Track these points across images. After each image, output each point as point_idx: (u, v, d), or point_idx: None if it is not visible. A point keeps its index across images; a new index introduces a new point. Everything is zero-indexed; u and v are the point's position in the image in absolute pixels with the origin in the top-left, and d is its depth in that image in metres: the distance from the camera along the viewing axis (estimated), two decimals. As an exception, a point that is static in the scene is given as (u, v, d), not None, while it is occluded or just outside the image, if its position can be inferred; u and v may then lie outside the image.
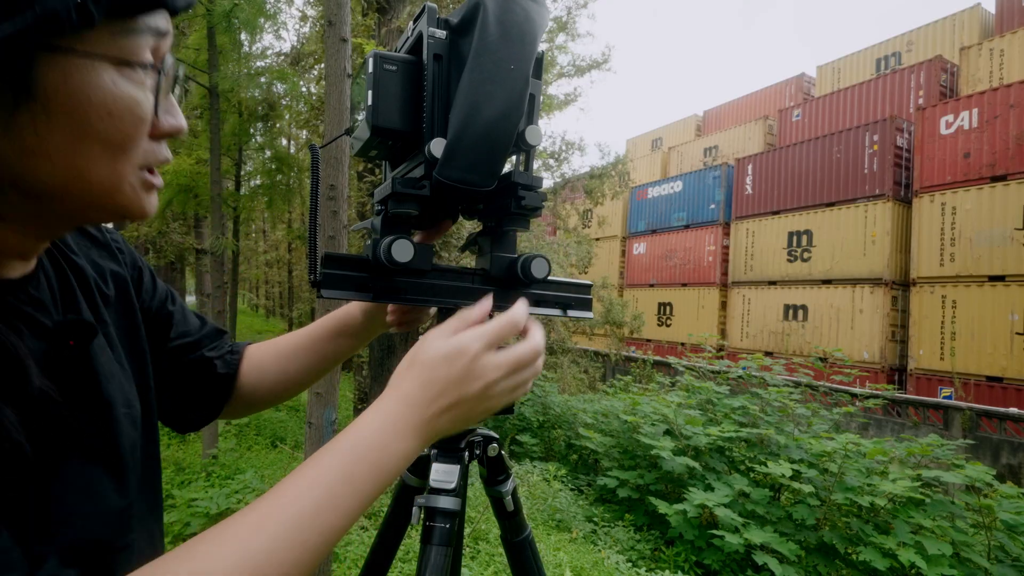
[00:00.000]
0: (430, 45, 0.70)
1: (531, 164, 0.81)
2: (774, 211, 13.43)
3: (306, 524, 0.43)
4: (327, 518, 0.45)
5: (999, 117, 9.59)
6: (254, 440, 5.36)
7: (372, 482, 0.48)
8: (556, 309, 0.93)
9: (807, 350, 11.69)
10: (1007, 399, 8.99)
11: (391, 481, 0.50)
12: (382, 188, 0.79)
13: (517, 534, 0.98)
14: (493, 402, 0.56)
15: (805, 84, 19.35)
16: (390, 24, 4.77)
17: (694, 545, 3.97)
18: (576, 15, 9.37)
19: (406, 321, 0.85)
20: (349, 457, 0.48)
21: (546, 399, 6.73)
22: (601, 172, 11.45)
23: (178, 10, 0.43)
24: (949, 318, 9.97)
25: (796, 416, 4.94)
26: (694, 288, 15.54)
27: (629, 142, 25.79)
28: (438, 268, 0.83)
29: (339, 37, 2.40)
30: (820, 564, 3.68)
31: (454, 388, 0.53)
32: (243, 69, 4.80)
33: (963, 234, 9.93)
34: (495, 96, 0.67)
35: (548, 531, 4.00)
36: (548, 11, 0.77)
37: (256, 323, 21.16)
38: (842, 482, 3.87)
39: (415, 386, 0.53)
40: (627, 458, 5.15)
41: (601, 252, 18.00)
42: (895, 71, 13.21)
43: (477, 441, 0.93)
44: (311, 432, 2.41)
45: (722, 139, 18.57)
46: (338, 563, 3.05)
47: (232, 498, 3.35)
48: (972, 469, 3.58)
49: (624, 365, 12.62)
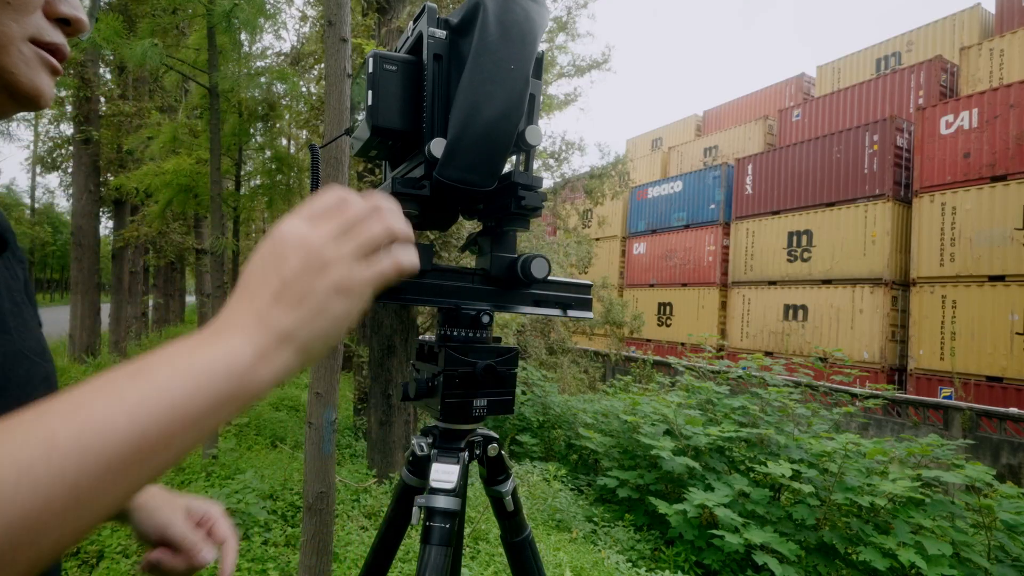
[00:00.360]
0: (430, 45, 0.70)
1: (531, 164, 0.81)
2: (774, 211, 13.42)
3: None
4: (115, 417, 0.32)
5: (999, 117, 9.59)
6: (254, 440, 5.35)
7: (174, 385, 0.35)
8: (556, 309, 0.94)
9: (807, 350, 11.69)
10: (1007, 399, 8.99)
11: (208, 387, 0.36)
12: (382, 188, 0.79)
13: (517, 534, 0.98)
14: (335, 273, 0.42)
15: (805, 84, 19.34)
16: (390, 24, 4.77)
17: (694, 545, 3.97)
18: (576, 15, 9.36)
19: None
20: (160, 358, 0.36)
21: (546, 399, 6.73)
22: (601, 172, 11.44)
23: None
24: (949, 318, 9.97)
25: (796, 416, 4.94)
26: (694, 288, 15.53)
27: (629, 142, 25.78)
28: (438, 268, 0.83)
29: (339, 37, 2.40)
30: (820, 564, 3.68)
31: (273, 272, 0.41)
32: (243, 69, 4.80)
33: (963, 234, 9.93)
34: (495, 96, 0.67)
35: (548, 531, 4.00)
36: (548, 11, 0.77)
37: (256, 323, 21.10)
38: (842, 482, 3.87)
39: (236, 293, 0.42)
40: (627, 458, 5.15)
41: (601, 252, 18.00)
42: (895, 71, 13.21)
43: (477, 441, 0.93)
44: (311, 432, 2.41)
45: (722, 139, 18.56)
46: (338, 563, 3.05)
47: (232, 498, 3.35)
48: (972, 469, 3.58)
49: (624, 365, 12.62)
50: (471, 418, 0.85)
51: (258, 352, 0.39)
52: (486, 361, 0.84)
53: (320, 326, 0.42)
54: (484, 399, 0.85)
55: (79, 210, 8.84)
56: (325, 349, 0.43)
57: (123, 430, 0.32)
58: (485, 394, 0.85)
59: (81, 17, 0.47)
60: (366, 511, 3.88)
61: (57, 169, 14.42)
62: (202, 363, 0.36)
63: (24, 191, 35.10)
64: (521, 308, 0.91)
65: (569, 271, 9.92)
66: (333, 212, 0.45)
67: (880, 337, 10.90)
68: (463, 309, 0.84)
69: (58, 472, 0.29)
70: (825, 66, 17.53)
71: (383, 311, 4.67)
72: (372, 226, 0.45)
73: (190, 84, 5.42)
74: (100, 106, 9.09)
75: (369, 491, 4.16)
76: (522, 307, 0.91)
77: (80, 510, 0.30)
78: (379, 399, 4.63)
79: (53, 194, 32.71)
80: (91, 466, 0.30)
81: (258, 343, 0.39)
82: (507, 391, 0.88)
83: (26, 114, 17.18)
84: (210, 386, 0.36)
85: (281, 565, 3.00)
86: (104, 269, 14.26)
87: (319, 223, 0.44)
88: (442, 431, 0.89)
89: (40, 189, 34.07)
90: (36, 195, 31.08)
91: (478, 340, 0.86)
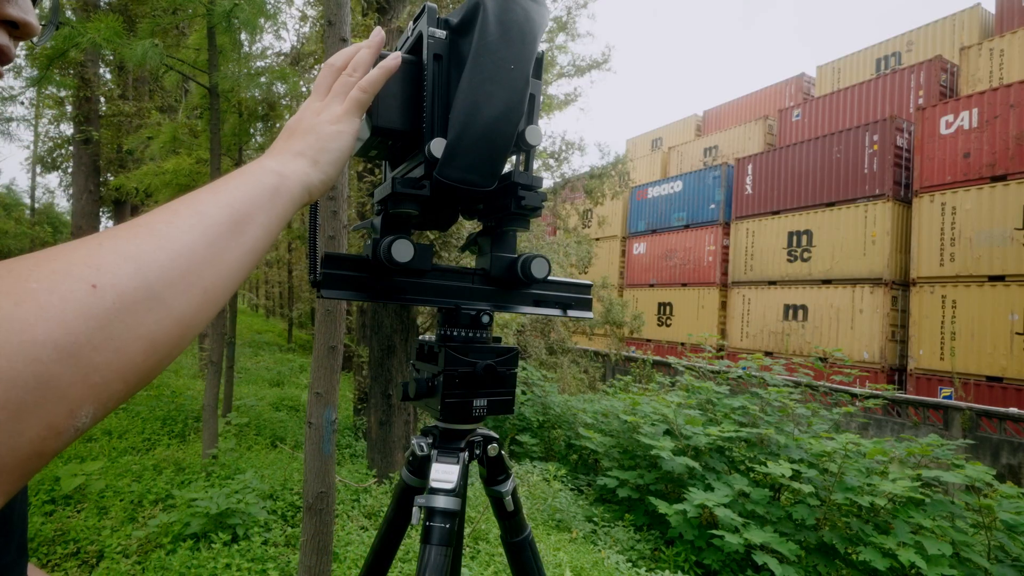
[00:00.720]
0: (430, 45, 0.70)
1: (531, 164, 0.81)
2: (774, 211, 13.43)
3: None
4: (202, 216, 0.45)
5: (999, 117, 9.59)
6: (254, 440, 5.35)
7: (236, 183, 0.50)
8: (556, 309, 0.94)
9: (807, 350, 11.69)
10: (1007, 399, 8.99)
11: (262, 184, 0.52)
12: (382, 188, 0.79)
13: (517, 534, 0.98)
14: (325, 113, 0.62)
15: (805, 84, 19.35)
16: (390, 24, 4.77)
17: (694, 545, 3.97)
18: (576, 15, 9.36)
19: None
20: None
21: (546, 399, 6.73)
22: (601, 172, 11.44)
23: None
24: (949, 318, 9.97)
25: (796, 416, 4.94)
26: (694, 288, 15.54)
27: (629, 142, 25.79)
28: (438, 268, 0.83)
29: (339, 37, 2.40)
30: (820, 564, 3.68)
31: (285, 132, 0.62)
32: (243, 69, 4.80)
33: (963, 234, 9.93)
34: (495, 96, 0.67)
35: (548, 531, 4.00)
36: (548, 11, 0.77)
37: (256, 323, 21.16)
38: (842, 482, 3.87)
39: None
40: (627, 458, 5.15)
41: (601, 252, 18.01)
42: (895, 71, 13.21)
43: (477, 441, 0.93)
44: (311, 432, 2.41)
45: (722, 139, 18.57)
46: (338, 563, 3.05)
47: (232, 498, 3.35)
48: (972, 469, 3.58)
49: (624, 365, 12.62)
50: (471, 418, 0.85)
51: (282, 162, 0.56)
52: (486, 361, 0.84)
53: (321, 144, 0.60)
54: (484, 399, 0.85)
55: (79, 210, 8.84)
56: (334, 159, 0.61)
57: (220, 206, 0.46)
58: (485, 394, 0.85)
59: (29, 21, 0.47)
60: (366, 511, 3.88)
61: (57, 169, 14.43)
62: (249, 172, 0.52)
63: (24, 191, 35.07)
64: (521, 308, 0.91)
65: (569, 271, 9.92)
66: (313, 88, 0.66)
67: (880, 337, 10.91)
68: (463, 309, 0.85)
69: (188, 227, 0.42)
70: (825, 66, 17.53)
71: (383, 311, 4.67)
72: (339, 79, 0.65)
73: (190, 84, 5.42)
74: (100, 106, 9.09)
75: (369, 491, 4.16)
76: (522, 307, 0.91)
77: (215, 258, 0.43)
78: (379, 399, 4.63)
79: (53, 194, 32.67)
80: (210, 224, 0.43)
81: (279, 159, 0.57)
82: (507, 391, 0.88)
83: (26, 114, 16.95)
84: (259, 180, 0.52)
85: (281, 565, 3.00)
86: (104, 269, 14.28)
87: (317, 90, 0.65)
88: (442, 431, 0.89)
89: (40, 189, 34.02)
90: (36, 195, 31.00)
91: (478, 340, 0.86)
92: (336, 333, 2.45)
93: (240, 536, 3.20)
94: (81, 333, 0.32)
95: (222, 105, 4.81)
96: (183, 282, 0.39)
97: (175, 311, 0.38)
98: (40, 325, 0.30)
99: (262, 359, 11.23)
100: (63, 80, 6.55)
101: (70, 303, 0.32)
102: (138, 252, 0.37)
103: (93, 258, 0.35)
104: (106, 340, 0.33)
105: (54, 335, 0.30)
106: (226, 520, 3.24)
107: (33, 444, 0.30)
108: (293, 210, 0.55)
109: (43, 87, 5.62)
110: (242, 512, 3.30)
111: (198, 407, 5.91)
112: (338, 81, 0.64)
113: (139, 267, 0.36)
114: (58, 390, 0.30)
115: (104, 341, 0.33)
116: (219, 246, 0.43)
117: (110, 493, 3.74)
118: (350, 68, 0.65)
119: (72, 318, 0.32)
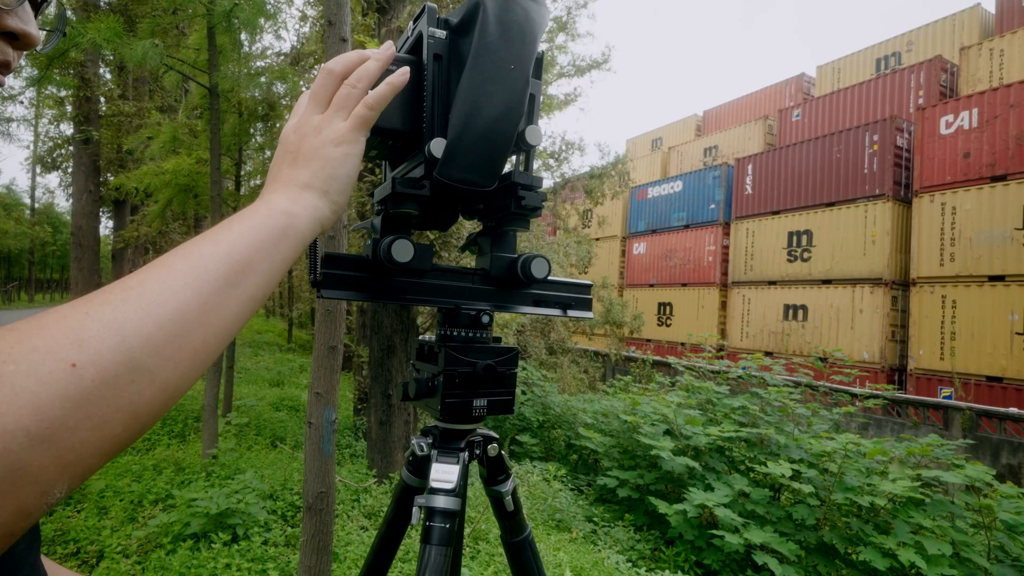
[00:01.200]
0: (430, 45, 0.70)
1: (531, 164, 0.81)
2: (774, 211, 13.43)
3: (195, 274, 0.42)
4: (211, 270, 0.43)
5: (999, 117, 9.59)
6: (254, 440, 5.35)
7: (240, 228, 0.48)
8: (556, 309, 0.94)
9: (807, 350, 11.69)
10: (1007, 399, 8.99)
11: (267, 228, 0.49)
12: (382, 188, 0.79)
13: (517, 534, 0.98)
14: (327, 131, 0.58)
15: (805, 84, 19.35)
16: (390, 24, 4.77)
17: (694, 545, 3.97)
18: (576, 15, 9.36)
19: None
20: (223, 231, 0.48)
21: (546, 399, 6.73)
22: (601, 172, 11.44)
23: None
24: (949, 318, 9.97)
25: (796, 416, 4.94)
26: (694, 288, 15.54)
27: (629, 142, 25.80)
28: (438, 268, 0.83)
29: (339, 37, 2.40)
30: (820, 564, 3.68)
31: (283, 155, 0.58)
32: (243, 69, 4.80)
33: (963, 234, 9.93)
34: (495, 96, 0.67)
35: (548, 531, 4.00)
36: (548, 11, 0.77)
37: (256, 323, 21.15)
38: (842, 482, 3.87)
39: (266, 182, 0.57)
40: (627, 458, 5.15)
41: (601, 252, 18.01)
42: (895, 71, 13.21)
43: (477, 441, 0.93)
44: (311, 432, 2.41)
45: (722, 139, 18.57)
46: (338, 563, 3.05)
47: (232, 498, 3.34)
48: (972, 469, 3.58)
49: (624, 365, 12.62)
50: (471, 418, 0.85)
51: (290, 199, 0.53)
52: (486, 361, 0.84)
53: (327, 170, 0.56)
54: (484, 399, 0.85)
55: (79, 210, 8.84)
56: (343, 187, 0.57)
57: (218, 258, 0.43)
58: (485, 394, 0.85)
59: (29, 32, 0.46)
60: (366, 511, 3.88)
61: (57, 169, 14.45)
62: (255, 213, 0.50)
63: (24, 191, 35.15)
64: (521, 308, 0.91)
65: (569, 271, 9.92)
66: (310, 97, 0.60)
67: (880, 337, 10.91)
68: (463, 309, 0.84)
69: (181, 285, 0.40)
70: (825, 66, 17.53)
71: (383, 311, 4.67)
72: (341, 89, 0.59)
73: (190, 84, 5.42)
74: (100, 106, 9.09)
75: (369, 491, 4.16)
76: (522, 307, 0.91)
77: (207, 316, 0.41)
78: (379, 399, 4.63)
79: (53, 194, 32.78)
80: (206, 280, 0.41)
81: (287, 194, 0.53)
82: (507, 391, 0.88)
83: (26, 114, 16.98)
84: (264, 223, 0.49)
85: (281, 565, 3.00)
86: (104, 269, 14.27)
87: (303, 112, 0.60)
88: (442, 431, 0.89)
89: (40, 189, 34.15)
90: (36, 195, 31.14)
91: (478, 340, 0.86)
92: (336, 333, 2.45)
93: (240, 536, 3.20)
94: (56, 417, 0.31)
95: (222, 105, 4.81)
96: (170, 347, 0.37)
97: (160, 379, 0.37)
98: (11, 412, 0.29)
99: (262, 359, 11.23)
100: (63, 80, 6.55)
101: (47, 386, 0.31)
102: (124, 320, 0.36)
103: (77, 332, 0.34)
104: (83, 419, 0.32)
105: (26, 422, 0.29)
106: (226, 520, 3.24)
107: (3, 527, 0.29)
108: (302, 248, 0.52)
109: (43, 87, 5.62)
110: (242, 512, 3.30)
111: (198, 407, 5.91)
112: (340, 93, 0.59)
113: (123, 338, 0.35)
114: (30, 475, 0.30)
115: (81, 420, 0.32)
116: (214, 303, 0.41)
117: (110, 493, 3.74)
118: (354, 78, 0.60)
119: (47, 403, 0.30)
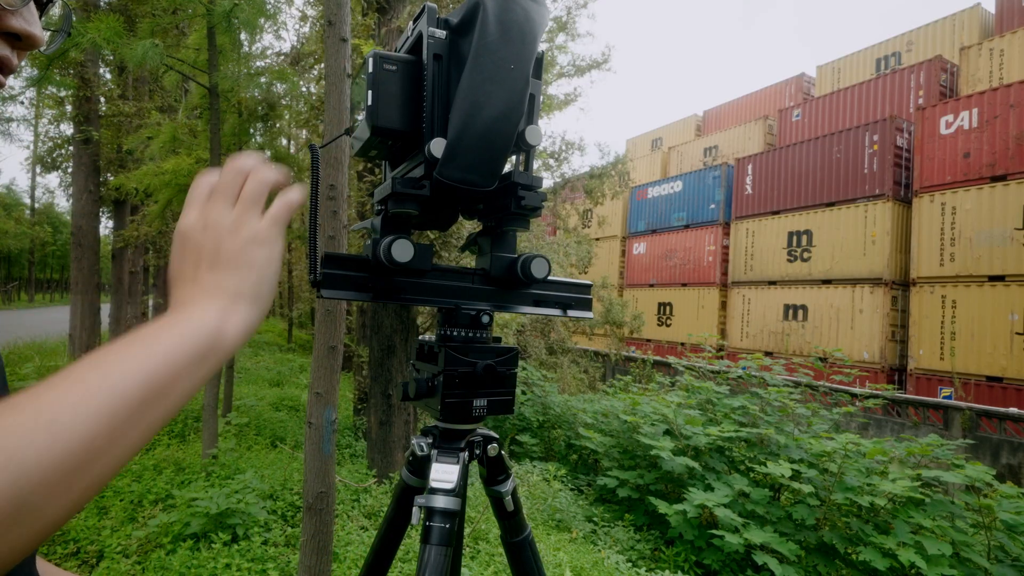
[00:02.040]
0: (430, 45, 0.70)
1: (531, 164, 0.81)
2: (774, 211, 13.43)
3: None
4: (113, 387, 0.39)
5: (999, 117, 9.59)
6: (254, 440, 5.35)
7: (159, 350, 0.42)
8: (556, 309, 0.94)
9: (807, 350, 11.69)
10: (1007, 399, 8.99)
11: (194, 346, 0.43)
12: (382, 188, 0.79)
13: (517, 534, 0.98)
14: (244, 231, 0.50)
15: (805, 84, 19.35)
16: (390, 24, 4.77)
17: (694, 545, 3.97)
18: (576, 15, 9.37)
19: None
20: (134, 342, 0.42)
21: (546, 399, 6.73)
22: (601, 172, 11.44)
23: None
24: (949, 318, 9.97)
25: (796, 416, 4.94)
26: (694, 288, 15.53)
27: (629, 142, 25.78)
28: (438, 268, 0.83)
29: (339, 37, 2.40)
30: (820, 564, 3.68)
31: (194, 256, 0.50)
32: (243, 69, 4.80)
33: (963, 234, 9.93)
34: (495, 96, 0.67)
35: (548, 531, 4.00)
36: (548, 11, 0.77)
37: (256, 323, 21.11)
38: (842, 482, 3.87)
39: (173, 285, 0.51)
40: (627, 458, 5.15)
41: (601, 252, 18.00)
42: (895, 71, 13.21)
43: (477, 441, 0.93)
44: (311, 432, 2.41)
45: (722, 139, 18.57)
46: (338, 563, 3.05)
47: (232, 498, 3.34)
48: (972, 469, 3.58)
49: (624, 365, 12.62)
50: (471, 418, 0.85)
51: (221, 312, 0.47)
52: (486, 361, 0.84)
53: (256, 275, 0.50)
54: (484, 399, 0.85)
55: (79, 210, 8.83)
56: (270, 293, 0.52)
57: (138, 378, 0.39)
58: (485, 394, 0.85)
59: (33, 33, 0.45)
60: (366, 511, 3.88)
61: (57, 169, 14.43)
62: (183, 324, 0.44)
63: (24, 191, 35.14)
64: (521, 308, 0.91)
65: (569, 271, 9.92)
66: (214, 191, 0.52)
67: (880, 337, 10.91)
68: (463, 309, 0.84)
69: (94, 411, 0.36)
70: (825, 66, 17.53)
71: (383, 311, 4.67)
72: (249, 185, 0.53)
73: (190, 84, 5.41)
74: (100, 106, 9.09)
75: (369, 491, 4.16)
76: (522, 307, 0.91)
77: (113, 446, 0.37)
78: (379, 399, 4.63)
79: (53, 194, 32.77)
80: (120, 406, 0.37)
81: (218, 305, 0.47)
82: (507, 391, 0.88)
83: (26, 114, 16.93)
84: (193, 338, 0.43)
85: (281, 565, 2.99)
86: (104, 269, 14.26)
87: (207, 205, 0.52)
88: (442, 431, 0.89)
89: (40, 189, 34.11)
90: (36, 195, 31.13)
91: (478, 340, 0.86)
92: (336, 333, 2.45)
93: (240, 536, 3.20)
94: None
95: (222, 105, 4.81)
96: (67, 482, 0.34)
97: (46, 516, 0.33)
98: None
99: (262, 359, 11.23)
100: (63, 80, 6.55)
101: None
102: (25, 454, 0.32)
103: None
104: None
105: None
106: (226, 520, 3.24)
107: None
108: (223, 362, 0.47)
109: (43, 87, 5.61)
110: (242, 512, 3.30)
111: (198, 407, 5.90)
112: (251, 187, 0.52)
113: (15, 478, 0.31)
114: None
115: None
116: (122, 431, 0.37)
117: (110, 493, 3.73)
118: (262, 182, 0.53)
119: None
